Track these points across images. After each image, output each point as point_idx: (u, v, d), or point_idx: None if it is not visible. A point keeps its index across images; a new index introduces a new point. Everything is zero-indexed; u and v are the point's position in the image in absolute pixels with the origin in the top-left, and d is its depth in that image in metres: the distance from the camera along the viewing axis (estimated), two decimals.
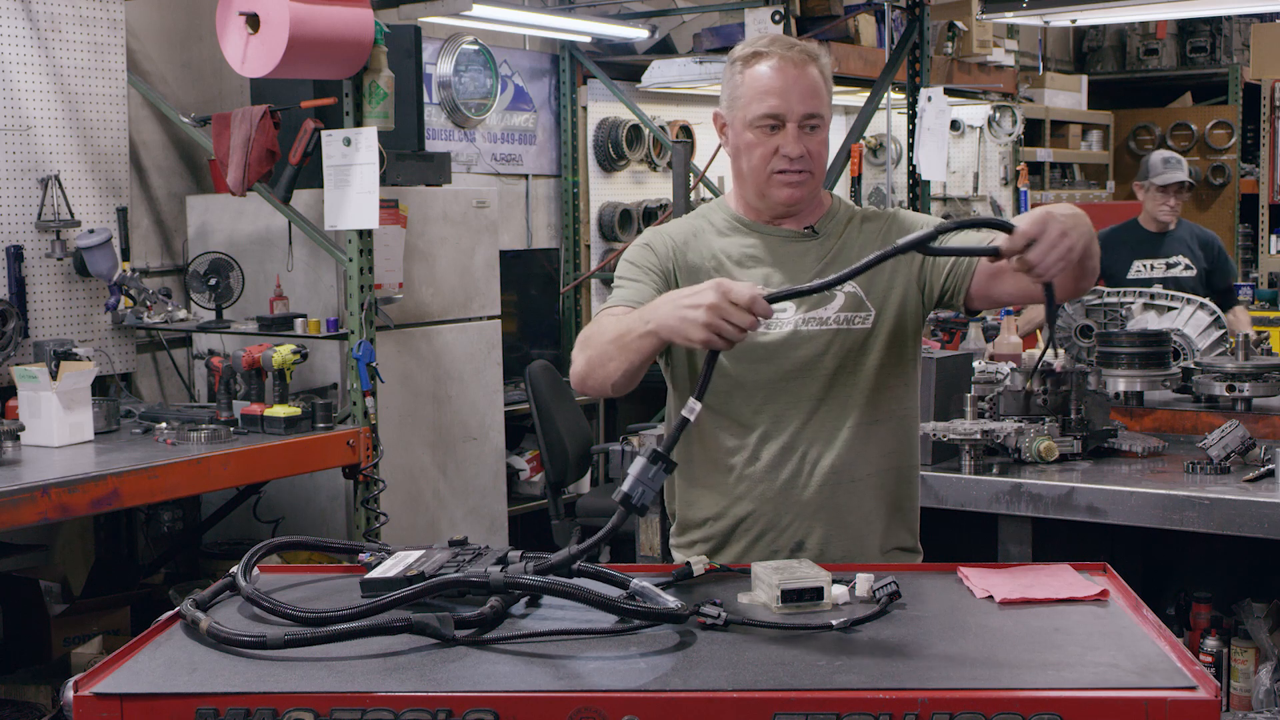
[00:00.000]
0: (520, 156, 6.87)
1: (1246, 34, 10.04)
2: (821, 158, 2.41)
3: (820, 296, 2.39)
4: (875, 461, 2.43)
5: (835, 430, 2.40)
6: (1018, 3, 5.82)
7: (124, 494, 3.68)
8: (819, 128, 2.39)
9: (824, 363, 2.39)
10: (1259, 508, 3.32)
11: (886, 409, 2.43)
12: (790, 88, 2.36)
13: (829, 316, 2.40)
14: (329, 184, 4.39)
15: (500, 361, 5.51)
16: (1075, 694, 1.68)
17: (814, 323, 2.40)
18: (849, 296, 2.41)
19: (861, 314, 2.41)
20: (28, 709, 4.00)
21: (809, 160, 2.38)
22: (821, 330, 2.40)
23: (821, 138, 2.40)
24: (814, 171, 2.40)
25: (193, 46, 5.33)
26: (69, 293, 4.62)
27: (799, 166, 2.38)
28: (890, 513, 2.47)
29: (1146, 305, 4.61)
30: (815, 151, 2.39)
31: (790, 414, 2.40)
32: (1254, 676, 3.72)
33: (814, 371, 2.39)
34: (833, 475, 2.40)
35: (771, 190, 2.42)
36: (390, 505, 4.63)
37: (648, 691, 1.70)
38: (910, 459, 2.51)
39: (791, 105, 2.36)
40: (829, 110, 2.42)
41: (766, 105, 2.36)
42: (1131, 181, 5.83)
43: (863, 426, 2.41)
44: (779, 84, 2.36)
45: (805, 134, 2.38)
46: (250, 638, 1.84)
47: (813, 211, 2.47)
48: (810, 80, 2.37)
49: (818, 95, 2.38)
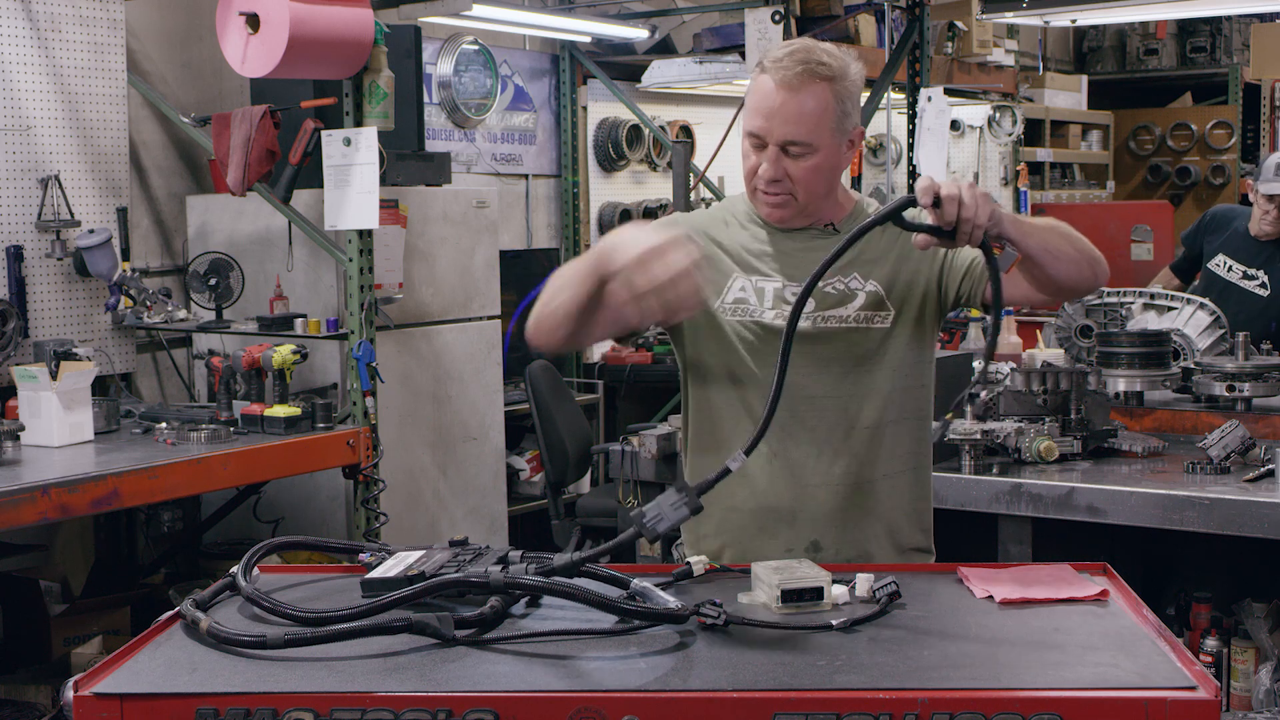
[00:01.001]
0: (520, 156, 6.87)
1: (1246, 34, 10.04)
2: (808, 182, 2.35)
3: (839, 294, 2.39)
4: (892, 462, 2.43)
5: (852, 430, 2.40)
6: (1018, 3, 5.81)
7: (124, 494, 3.68)
8: (806, 154, 2.32)
9: (843, 361, 2.39)
10: (1259, 508, 3.32)
11: (903, 409, 2.43)
12: (776, 111, 2.31)
13: (849, 315, 2.40)
14: (329, 184, 4.39)
15: (500, 361, 5.51)
16: (1075, 694, 1.68)
17: (834, 320, 2.39)
18: (869, 295, 2.40)
19: (881, 313, 2.40)
20: (28, 709, 4.00)
21: (789, 184, 2.35)
22: (841, 329, 2.39)
23: (810, 164, 2.33)
24: (796, 195, 2.36)
25: (193, 46, 5.33)
26: (69, 293, 4.62)
27: (775, 190, 2.36)
28: (906, 513, 2.46)
29: (1146, 305, 4.61)
30: (799, 176, 2.34)
31: (808, 413, 2.39)
32: (1254, 676, 3.72)
33: (832, 370, 2.39)
34: (849, 476, 2.40)
35: (756, 203, 2.43)
36: (390, 505, 4.63)
37: (648, 691, 1.70)
38: (925, 459, 2.51)
39: (773, 129, 2.31)
40: (831, 135, 2.33)
41: (752, 123, 2.34)
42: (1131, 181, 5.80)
43: (880, 427, 2.40)
44: (766, 105, 2.32)
45: (787, 158, 2.33)
46: (250, 638, 1.84)
47: (832, 212, 2.45)
48: (802, 106, 2.29)
49: (807, 122, 2.30)
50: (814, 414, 2.39)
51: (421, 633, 1.87)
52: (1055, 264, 2.23)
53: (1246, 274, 5.29)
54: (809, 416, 2.39)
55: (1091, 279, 2.31)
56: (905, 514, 2.46)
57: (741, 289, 2.43)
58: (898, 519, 2.45)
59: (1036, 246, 2.20)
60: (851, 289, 2.41)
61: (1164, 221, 8.43)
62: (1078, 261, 2.26)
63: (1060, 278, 2.26)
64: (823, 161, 2.34)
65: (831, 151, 2.35)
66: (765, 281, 2.42)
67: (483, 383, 5.40)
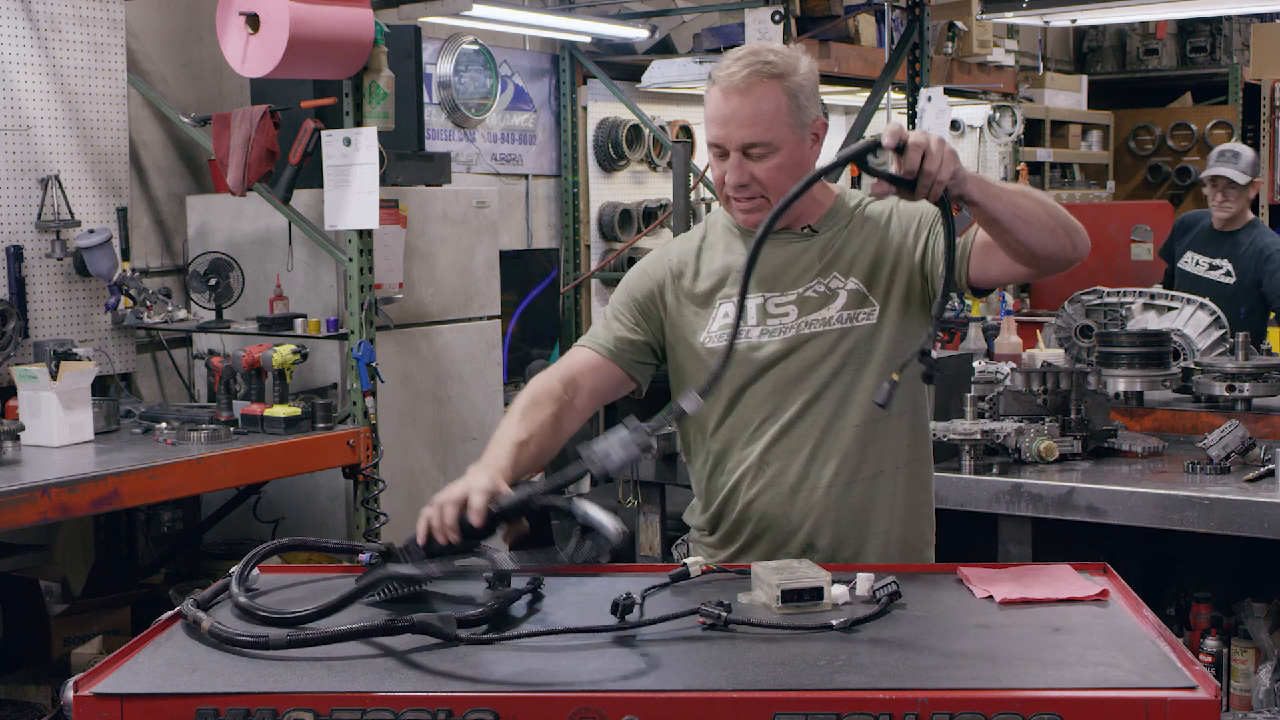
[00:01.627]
0: (520, 156, 6.87)
1: (1246, 34, 10.04)
2: (776, 182, 2.34)
3: (821, 296, 2.39)
4: (887, 458, 2.42)
5: (845, 428, 2.39)
6: (1018, 3, 5.81)
7: (124, 494, 3.68)
8: (768, 154, 2.32)
9: (830, 361, 2.38)
10: (1259, 508, 3.32)
11: (896, 403, 2.41)
12: (729, 117, 2.32)
13: (832, 316, 2.39)
14: (329, 184, 4.39)
15: (500, 361, 5.51)
16: (1075, 694, 1.68)
17: (817, 324, 2.39)
18: (851, 294, 2.40)
19: (866, 309, 2.39)
20: (28, 709, 4.00)
21: (759, 186, 2.35)
22: (825, 330, 2.39)
23: (774, 164, 2.33)
24: (767, 195, 2.36)
25: (193, 46, 5.33)
26: (69, 293, 4.62)
27: (744, 195, 2.37)
28: (905, 510, 2.45)
29: (1146, 305, 4.61)
30: (765, 177, 2.34)
31: (799, 415, 2.39)
32: (1254, 676, 3.72)
33: (820, 371, 2.38)
34: (844, 474, 2.39)
35: (732, 211, 2.43)
36: (390, 505, 4.63)
37: (648, 691, 1.71)
38: (923, 452, 2.49)
39: (730, 134, 2.33)
40: (789, 130, 2.33)
41: (711, 133, 2.37)
42: (1131, 181, 5.83)
43: (872, 423, 2.39)
44: (720, 113, 2.33)
45: (751, 161, 2.33)
46: (253, 638, 1.84)
47: (811, 212, 2.45)
48: (754, 107, 2.30)
49: (761, 122, 2.31)
50: (804, 420, 2.39)
51: (425, 632, 1.87)
52: (1025, 229, 2.19)
53: (1212, 265, 5.49)
54: (799, 423, 2.39)
55: (1070, 248, 2.25)
56: (906, 511, 2.45)
57: (725, 314, 2.43)
58: (898, 516, 2.44)
59: (1004, 210, 2.17)
60: (833, 289, 2.40)
61: (1164, 221, 8.42)
62: (1051, 228, 2.22)
63: (1033, 243, 2.21)
64: (786, 159, 2.34)
65: (794, 148, 2.35)
66: (748, 299, 2.39)
67: (483, 383, 5.40)
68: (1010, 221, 2.18)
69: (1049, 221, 2.22)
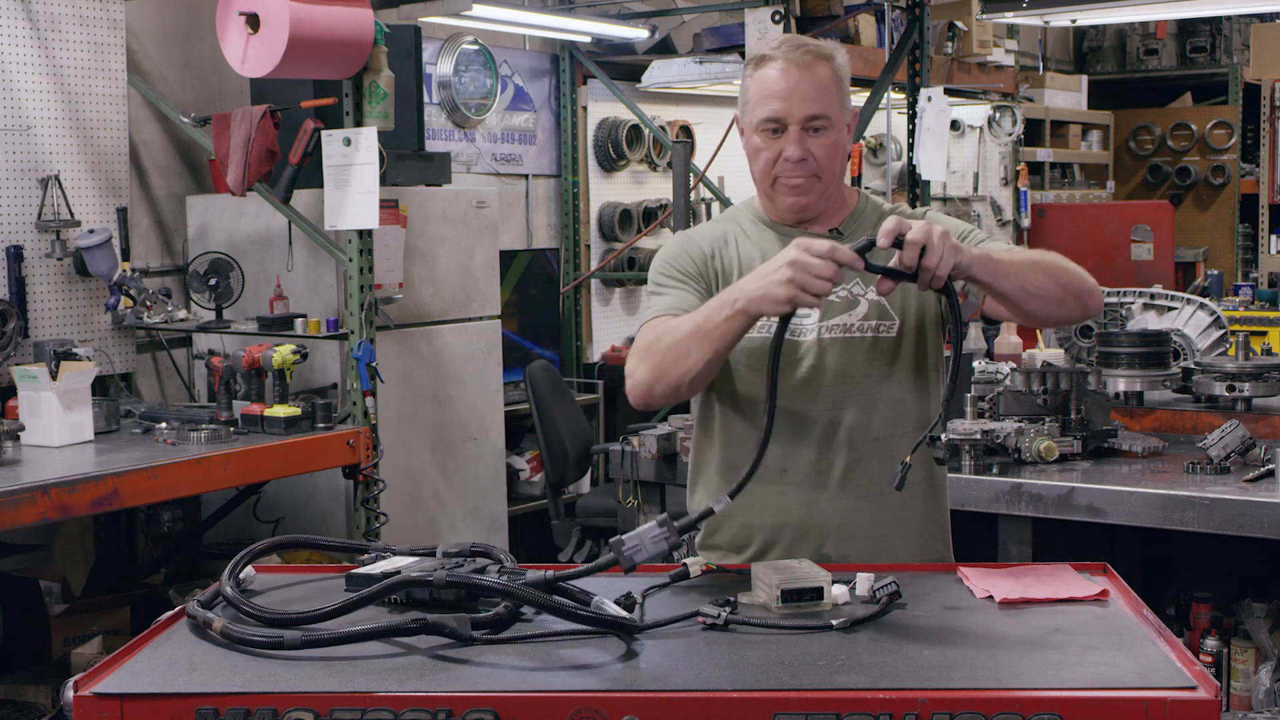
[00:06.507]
0: (520, 156, 6.87)
1: (1246, 34, 10.04)
2: (830, 161, 2.37)
3: (844, 301, 2.39)
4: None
5: (862, 439, 2.38)
6: (1018, 3, 5.81)
7: (124, 494, 3.68)
8: (825, 130, 2.35)
9: (850, 371, 2.38)
10: (1259, 508, 3.32)
11: (912, 418, 2.41)
12: (792, 90, 2.33)
13: (853, 324, 2.39)
14: (329, 184, 4.39)
15: (500, 361, 5.51)
16: (1075, 694, 1.68)
17: (838, 330, 2.38)
18: (873, 305, 2.39)
19: (886, 322, 2.39)
20: (28, 709, 4.00)
21: (814, 163, 2.35)
22: (846, 338, 2.38)
23: (829, 140, 2.36)
24: (820, 175, 2.37)
25: (193, 46, 5.33)
26: (69, 293, 4.62)
27: (801, 171, 2.36)
28: (920, 521, 2.44)
29: (1146, 305, 4.61)
30: (821, 154, 2.35)
31: (816, 423, 2.38)
32: (1254, 676, 3.72)
33: (840, 380, 2.38)
34: (860, 484, 2.38)
35: (777, 195, 2.41)
36: (390, 505, 4.63)
37: (648, 691, 1.71)
38: (939, 470, 2.50)
39: (792, 108, 2.33)
40: (841, 111, 2.38)
41: (769, 109, 2.35)
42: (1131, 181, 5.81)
43: (889, 438, 2.39)
44: (782, 87, 2.34)
45: (809, 136, 2.34)
46: (266, 638, 1.84)
47: (836, 213, 2.45)
48: (815, 81, 2.34)
49: (823, 96, 2.34)
50: (822, 424, 2.38)
51: (438, 633, 1.87)
52: (1033, 303, 2.23)
53: None
54: (817, 426, 2.38)
55: (1078, 313, 2.31)
56: (921, 527, 2.44)
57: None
58: (914, 527, 2.43)
59: (1011, 287, 2.20)
60: (855, 295, 2.40)
61: (1164, 221, 8.44)
62: (1059, 299, 2.26)
63: (1039, 315, 2.27)
64: (838, 139, 2.38)
65: (841, 131, 2.39)
66: None
67: (483, 383, 5.40)
68: (1018, 296, 2.22)
69: (1058, 293, 2.25)
